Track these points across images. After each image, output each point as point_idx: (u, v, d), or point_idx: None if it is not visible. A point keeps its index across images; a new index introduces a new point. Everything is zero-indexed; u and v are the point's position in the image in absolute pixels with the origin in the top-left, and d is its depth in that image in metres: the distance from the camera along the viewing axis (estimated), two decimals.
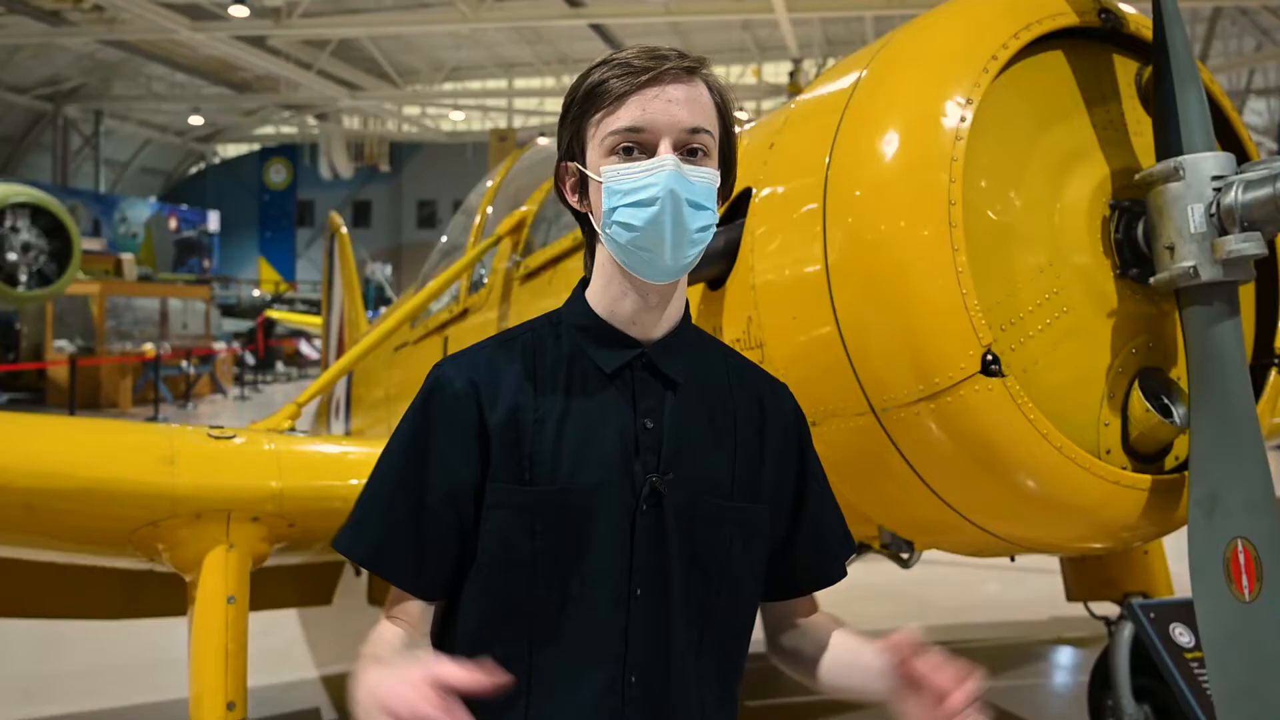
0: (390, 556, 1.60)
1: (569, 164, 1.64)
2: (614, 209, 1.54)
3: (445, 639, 1.64)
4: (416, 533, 1.58)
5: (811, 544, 1.77)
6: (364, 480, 1.66)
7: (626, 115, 1.54)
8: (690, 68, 1.57)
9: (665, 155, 1.52)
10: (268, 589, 3.82)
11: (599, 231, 1.59)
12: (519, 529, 1.55)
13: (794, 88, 19.36)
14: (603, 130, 1.56)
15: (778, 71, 25.88)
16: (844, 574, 1.83)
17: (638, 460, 1.58)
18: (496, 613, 1.58)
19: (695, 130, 1.55)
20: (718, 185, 1.59)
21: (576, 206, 1.65)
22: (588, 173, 1.59)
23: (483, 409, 1.58)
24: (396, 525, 1.59)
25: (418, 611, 1.61)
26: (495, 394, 1.59)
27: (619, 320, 1.62)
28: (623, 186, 1.53)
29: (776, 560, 1.73)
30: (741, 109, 25.51)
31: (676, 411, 1.61)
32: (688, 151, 1.55)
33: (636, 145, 1.54)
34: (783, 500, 1.72)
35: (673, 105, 1.54)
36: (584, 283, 1.69)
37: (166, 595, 3.67)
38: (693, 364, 1.66)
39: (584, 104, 1.59)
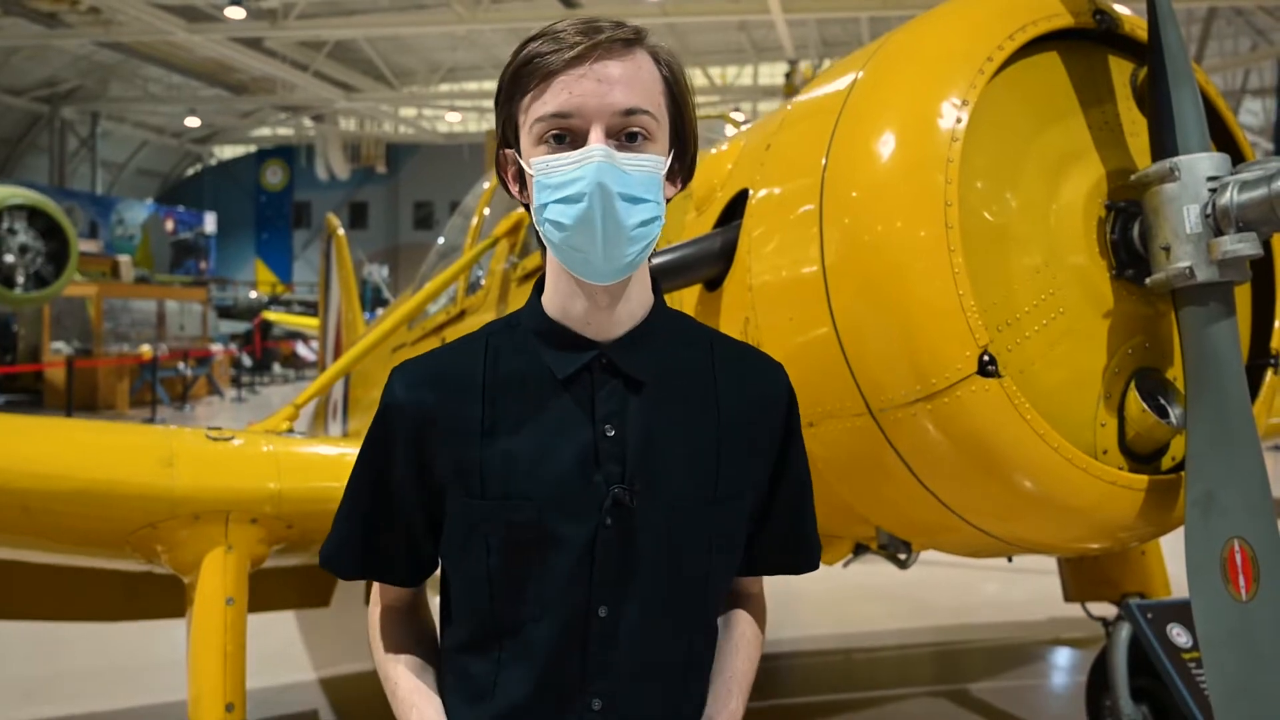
0: (343, 556, 1.61)
1: (506, 151, 1.50)
2: (544, 205, 1.40)
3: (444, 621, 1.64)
4: (367, 534, 1.58)
5: (780, 530, 1.65)
6: None
7: (553, 99, 1.39)
8: (628, 39, 1.42)
9: (594, 145, 1.37)
10: (265, 590, 3.81)
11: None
12: (475, 543, 1.48)
13: (790, 89, 19.37)
14: (531, 116, 1.41)
15: (773, 73, 25.88)
16: (813, 566, 1.71)
17: (599, 472, 1.45)
18: (466, 622, 1.54)
19: (631, 112, 1.39)
20: (662, 171, 1.44)
21: (519, 197, 1.51)
22: (522, 163, 1.45)
23: (432, 418, 1.49)
24: (351, 530, 1.59)
25: (395, 592, 1.64)
26: (446, 403, 1.50)
27: (573, 320, 1.49)
28: (551, 180, 1.39)
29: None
30: (738, 109, 25.51)
31: (643, 414, 1.48)
32: (626, 136, 1.40)
33: (566, 132, 1.39)
34: (761, 484, 1.60)
35: (603, 85, 1.38)
36: (541, 280, 1.56)
37: (165, 597, 3.68)
38: (665, 358, 1.52)
39: (513, 85, 1.44)
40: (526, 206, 1.50)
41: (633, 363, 1.48)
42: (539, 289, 1.56)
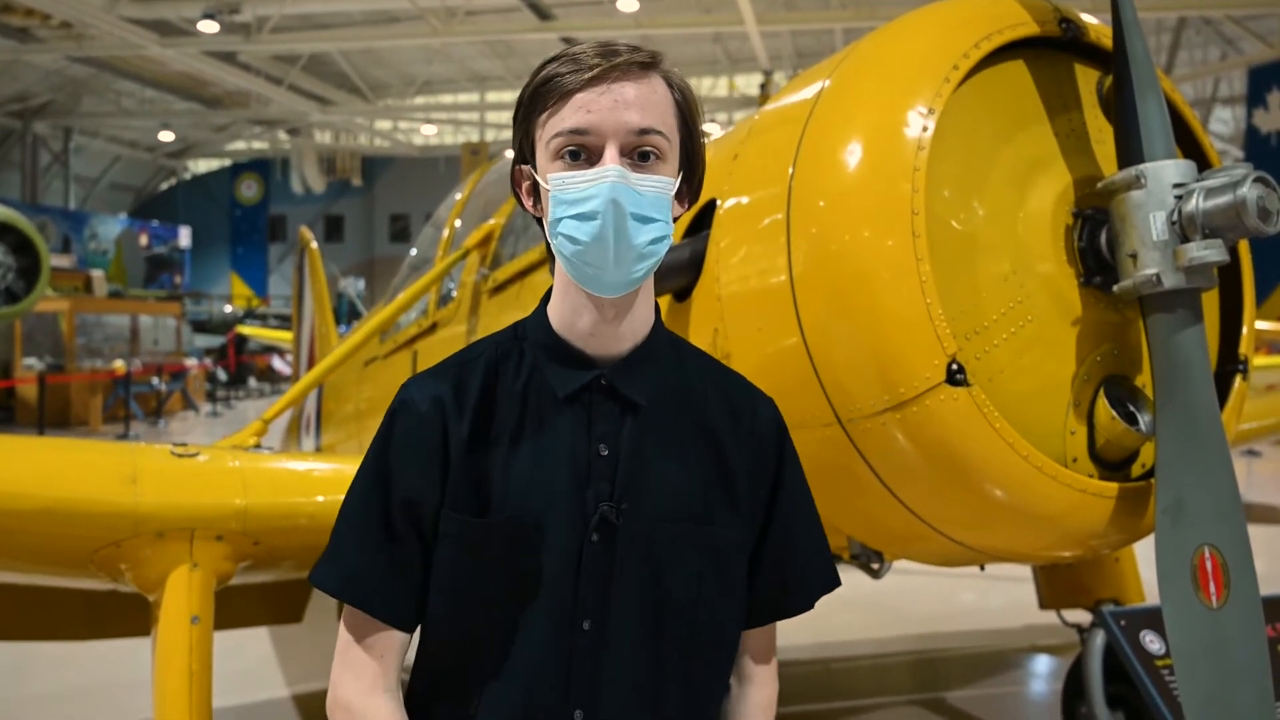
0: (363, 587, 1.52)
1: (522, 167, 1.56)
2: (559, 220, 1.45)
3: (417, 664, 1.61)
4: (387, 562, 1.51)
5: (773, 570, 1.64)
6: (330, 497, 1.64)
7: (570, 117, 1.44)
8: (644, 63, 1.48)
9: (609, 165, 1.42)
10: (237, 607, 3.76)
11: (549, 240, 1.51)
12: (468, 559, 1.49)
13: (765, 99, 19.41)
14: (548, 132, 1.47)
15: (748, 83, 25.96)
16: (807, 607, 1.69)
17: (590, 488, 1.49)
18: (446, 645, 1.53)
19: (645, 131, 1.44)
20: (672, 192, 1.49)
21: (533, 211, 1.57)
22: (538, 178, 1.51)
23: (445, 431, 1.51)
24: (367, 555, 1.52)
25: (395, 643, 1.54)
26: (458, 416, 1.52)
27: (578, 335, 1.53)
28: (567, 196, 1.44)
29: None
30: (714, 120, 25.57)
31: (636, 435, 1.52)
32: (639, 156, 1.45)
33: (582, 149, 1.44)
34: (755, 519, 1.61)
35: (619, 105, 1.43)
36: (550, 292, 1.59)
37: (130, 616, 3.61)
38: (662, 381, 1.56)
39: (531, 103, 1.50)
40: (539, 221, 1.56)
41: (630, 385, 1.53)
42: (545, 300, 1.60)
